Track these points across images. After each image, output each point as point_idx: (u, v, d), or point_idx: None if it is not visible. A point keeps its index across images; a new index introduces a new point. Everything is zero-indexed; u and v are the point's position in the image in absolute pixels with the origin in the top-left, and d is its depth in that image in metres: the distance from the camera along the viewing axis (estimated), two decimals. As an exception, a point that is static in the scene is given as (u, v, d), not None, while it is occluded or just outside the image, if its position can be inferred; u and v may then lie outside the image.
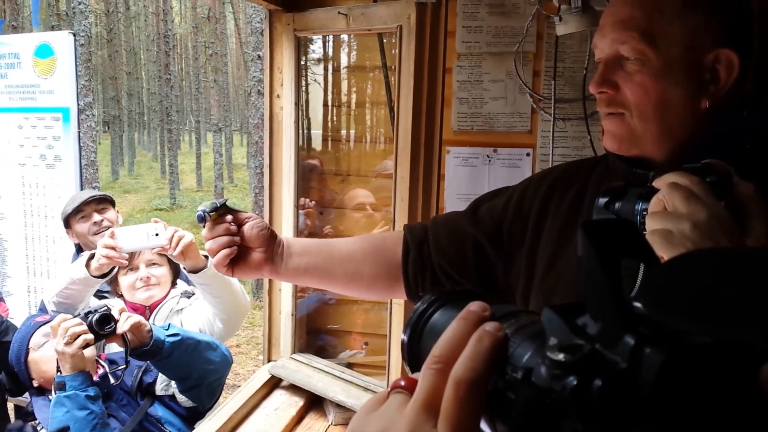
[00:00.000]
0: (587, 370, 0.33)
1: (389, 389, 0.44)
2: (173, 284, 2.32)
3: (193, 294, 2.29)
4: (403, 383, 0.43)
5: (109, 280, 2.21)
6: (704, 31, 0.83)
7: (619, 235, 0.38)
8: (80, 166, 3.48)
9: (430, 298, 0.49)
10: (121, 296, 2.27)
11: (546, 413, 0.35)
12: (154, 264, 2.25)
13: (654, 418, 0.32)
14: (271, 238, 1.11)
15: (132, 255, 2.19)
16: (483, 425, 0.39)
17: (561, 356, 0.34)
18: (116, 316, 1.85)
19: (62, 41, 3.40)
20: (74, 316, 1.84)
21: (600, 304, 0.35)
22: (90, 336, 1.80)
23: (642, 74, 0.85)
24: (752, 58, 0.85)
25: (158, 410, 2.03)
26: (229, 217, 1.08)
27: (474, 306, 0.42)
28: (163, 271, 2.27)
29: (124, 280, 2.22)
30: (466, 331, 0.40)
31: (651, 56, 0.84)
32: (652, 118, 0.85)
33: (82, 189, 3.37)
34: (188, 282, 2.27)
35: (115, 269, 2.11)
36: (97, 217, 2.60)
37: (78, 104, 3.47)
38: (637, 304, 0.34)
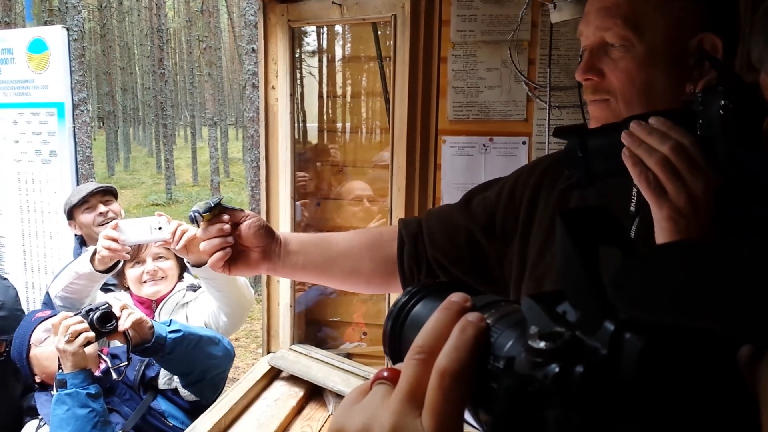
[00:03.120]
0: (568, 357, 0.33)
1: (372, 380, 0.44)
2: (180, 277, 2.32)
3: (199, 287, 2.28)
4: (385, 374, 0.43)
5: (116, 273, 2.21)
6: (688, 17, 0.84)
7: (595, 222, 0.39)
8: (76, 161, 3.48)
9: (411, 290, 0.49)
10: (127, 289, 2.27)
11: (529, 402, 0.35)
12: (161, 257, 2.24)
13: (636, 403, 0.32)
14: (268, 236, 1.11)
15: (139, 248, 2.18)
16: (466, 414, 0.40)
17: (542, 344, 0.34)
18: (117, 313, 1.85)
19: (56, 36, 3.39)
20: (75, 314, 1.84)
21: (578, 291, 0.35)
22: (91, 334, 1.80)
23: (627, 60, 0.85)
24: (737, 44, 0.86)
25: (161, 404, 2.03)
26: (225, 217, 1.07)
27: (455, 296, 0.42)
28: (170, 265, 2.26)
29: (131, 274, 2.22)
30: (448, 321, 0.41)
31: (635, 42, 0.84)
32: (638, 104, 0.85)
33: (78, 184, 3.36)
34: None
35: (120, 263, 2.10)
36: (102, 208, 2.61)
37: (72, 99, 3.46)
38: None
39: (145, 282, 2.21)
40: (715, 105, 0.72)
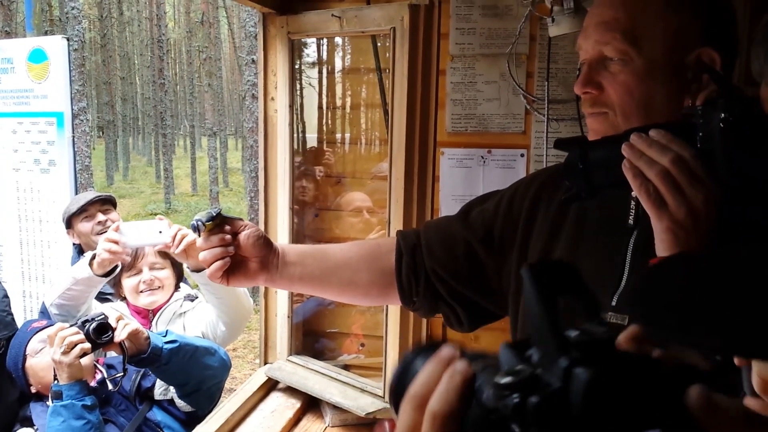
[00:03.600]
0: (526, 389, 0.37)
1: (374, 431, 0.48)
2: (176, 287, 2.32)
3: (196, 297, 2.28)
4: (387, 425, 0.47)
5: (113, 283, 2.20)
6: (686, 31, 0.84)
7: (557, 275, 0.43)
8: (74, 170, 3.49)
9: (416, 347, 0.54)
10: (124, 299, 2.27)
11: (492, 429, 0.39)
12: (157, 267, 2.24)
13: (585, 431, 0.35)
14: (266, 247, 1.11)
15: (135, 257, 2.18)
16: None
17: (505, 379, 0.38)
18: (113, 324, 1.84)
19: (56, 46, 3.40)
20: (71, 325, 1.84)
21: (540, 333, 0.40)
22: (87, 345, 1.80)
23: (625, 74, 0.86)
24: (735, 58, 0.86)
25: (157, 415, 2.03)
26: (227, 228, 1.07)
27: (445, 350, 0.46)
28: (167, 274, 2.26)
29: (128, 283, 2.22)
30: (439, 370, 0.44)
31: (634, 56, 0.85)
32: (636, 117, 0.86)
33: (77, 194, 3.37)
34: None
35: (118, 268, 2.10)
36: (101, 216, 2.62)
37: (72, 109, 3.47)
38: (571, 333, 0.39)
39: (141, 292, 2.21)
40: (715, 118, 0.72)
